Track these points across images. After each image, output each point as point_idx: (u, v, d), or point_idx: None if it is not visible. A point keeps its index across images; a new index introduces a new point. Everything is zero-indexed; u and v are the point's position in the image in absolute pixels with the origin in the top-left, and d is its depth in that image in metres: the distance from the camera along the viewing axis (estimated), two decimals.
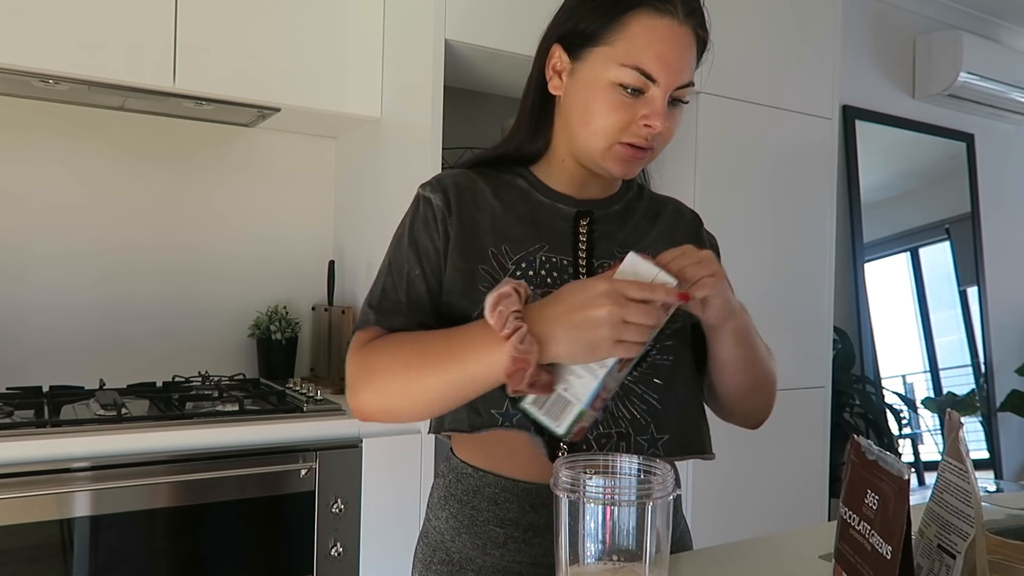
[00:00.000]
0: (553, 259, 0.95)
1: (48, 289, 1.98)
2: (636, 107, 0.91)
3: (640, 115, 0.91)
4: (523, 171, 1.02)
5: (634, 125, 0.91)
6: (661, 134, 0.92)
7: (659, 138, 0.93)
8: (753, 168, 2.35)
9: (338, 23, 2.00)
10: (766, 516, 2.37)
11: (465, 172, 1.01)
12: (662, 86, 0.90)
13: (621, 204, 1.03)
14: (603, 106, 0.91)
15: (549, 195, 1.00)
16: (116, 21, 1.73)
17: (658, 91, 0.90)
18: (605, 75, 0.91)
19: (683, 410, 0.96)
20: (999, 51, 3.66)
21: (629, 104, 0.91)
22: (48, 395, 1.77)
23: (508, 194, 0.99)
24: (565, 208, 0.99)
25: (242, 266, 2.22)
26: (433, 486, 1.03)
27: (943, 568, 0.68)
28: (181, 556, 1.54)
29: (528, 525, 0.91)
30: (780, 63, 2.41)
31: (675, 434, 0.94)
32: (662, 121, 0.90)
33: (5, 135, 1.93)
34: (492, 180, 1.00)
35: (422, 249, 0.96)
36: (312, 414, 1.70)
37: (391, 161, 2.01)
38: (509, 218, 0.97)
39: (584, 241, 0.98)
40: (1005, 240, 3.97)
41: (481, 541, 0.92)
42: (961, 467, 0.68)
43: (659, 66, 0.89)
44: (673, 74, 0.90)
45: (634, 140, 0.92)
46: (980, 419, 3.77)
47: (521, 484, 0.92)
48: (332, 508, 1.68)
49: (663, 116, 0.90)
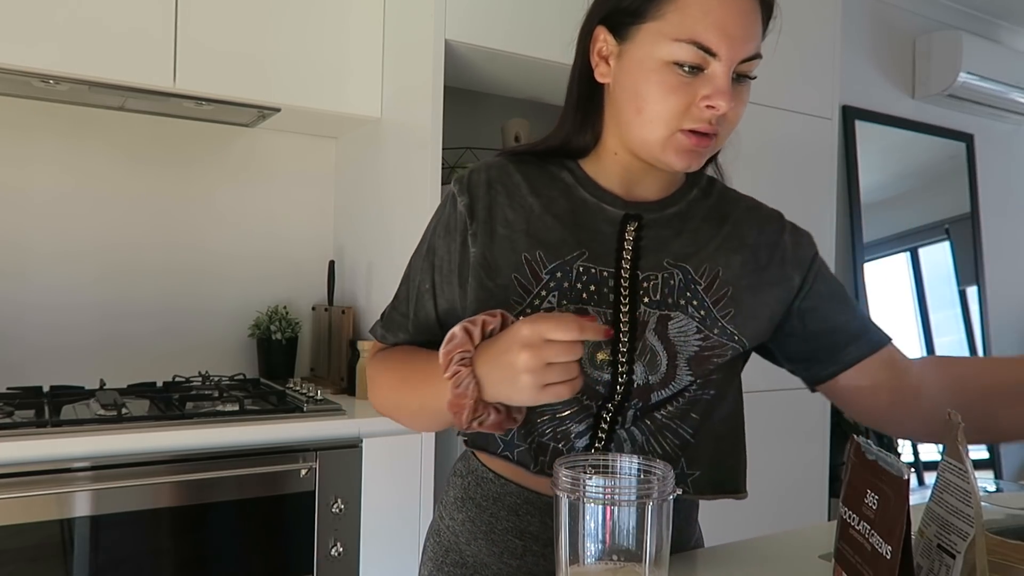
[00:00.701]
0: (592, 270, 0.85)
1: (48, 289, 1.98)
2: (695, 87, 0.79)
3: (701, 96, 0.79)
4: (571, 163, 0.92)
5: (695, 108, 0.80)
6: (727, 116, 0.81)
7: (724, 121, 0.82)
8: (753, 168, 2.35)
9: (338, 23, 2.00)
10: (766, 516, 2.37)
11: (504, 163, 0.91)
12: (724, 60, 0.79)
13: (681, 205, 0.91)
14: (657, 89, 0.80)
15: (596, 193, 0.89)
16: (116, 21, 1.73)
17: (720, 66, 0.79)
18: (657, 54, 0.80)
19: (719, 445, 0.90)
20: (999, 51, 3.66)
21: (687, 84, 0.79)
22: (48, 395, 1.77)
23: (549, 189, 0.89)
24: (612, 210, 0.88)
25: (242, 266, 2.22)
26: (449, 484, 0.98)
27: (943, 568, 0.68)
28: (181, 556, 1.54)
29: (549, 540, 0.87)
30: (780, 63, 2.41)
31: (707, 470, 0.89)
32: (727, 100, 0.79)
33: (5, 135, 1.93)
34: (533, 172, 0.90)
35: (437, 259, 0.90)
36: (312, 414, 1.70)
37: (391, 161, 2.01)
38: (547, 218, 0.87)
39: (629, 250, 0.86)
40: (1005, 240, 3.97)
41: (498, 549, 0.90)
42: (961, 467, 0.68)
43: (719, 37, 0.78)
44: (736, 46, 0.79)
45: (696, 125, 0.80)
46: None
47: (544, 498, 0.88)
48: (332, 508, 1.68)
49: (728, 94, 0.79)
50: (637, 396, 0.86)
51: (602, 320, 0.85)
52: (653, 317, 0.85)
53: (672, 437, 0.87)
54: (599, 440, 0.86)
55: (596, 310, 0.85)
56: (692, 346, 0.85)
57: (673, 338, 0.85)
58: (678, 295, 0.86)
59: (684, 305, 0.86)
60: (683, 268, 0.87)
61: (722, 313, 0.87)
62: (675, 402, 0.86)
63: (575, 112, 0.91)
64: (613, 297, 0.85)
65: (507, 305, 0.84)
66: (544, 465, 0.86)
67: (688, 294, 0.86)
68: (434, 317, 0.91)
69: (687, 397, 0.87)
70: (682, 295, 0.86)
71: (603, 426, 0.86)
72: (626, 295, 0.85)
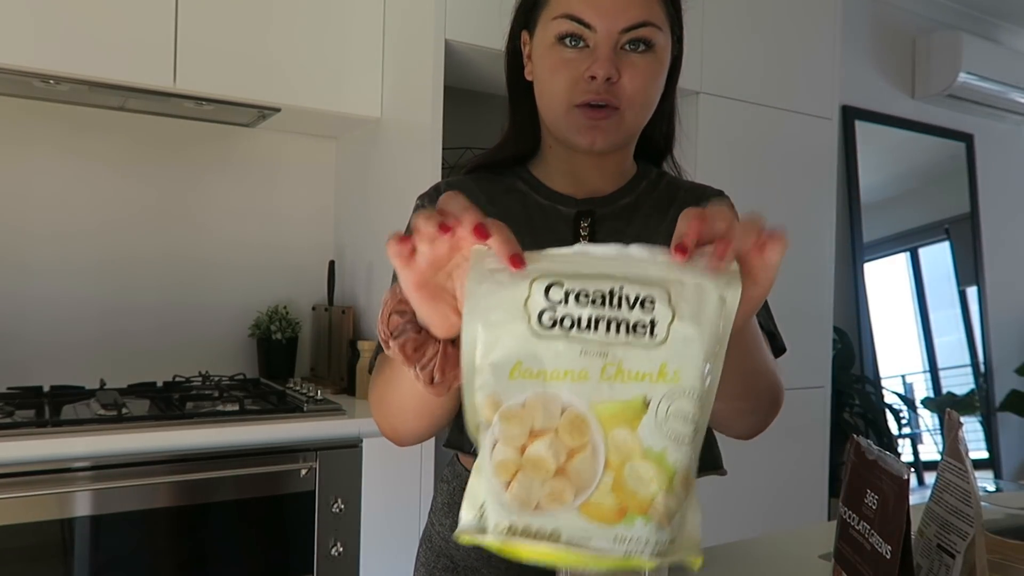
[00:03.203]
0: None
1: (48, 289, 1.98)
2: (580, 61, 0.82)
3: (584, 68, 0.81)
4: (523, 171, 0.95)
5: (582, 81, 0.81)
6: (622, 88, 0.82)
7: (620, 93, 0.82)
8: (753, 168, 2.35)
9: (338, 23, 2.00)
10: (766, 516, 2.38)
11: (462, 180, 0.96)
12: (600, 31, 0.80)
13: (632, 196, 0.93)
14: (549, 68, 0.84)
15: (548, 196, 0.92)
16: (116, 21, 1.73)
17: (597, 37, 0.81)
18: (547, 35, 0.84)
19: None
20: (999, 51, 3.66)
21: (572, 59, 0.82)
22: (48, 395, 1.77)
23: (505, 199, 0.93)
24: (564, 209, 0.91)
25: (243, 266, 2.22)
26: (436, 491, 1.00)
27: (942, 568, 0.68)
28: (181, 556, 1.54)
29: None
30: (780, 63, 2.41)
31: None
32: (604, 67, 0.80)
33: (5, 135, 1.93)
34: (490, 186, 0.94)
35: None
36: (312, 414, 1.70)
37: (391, 161, 2.01)
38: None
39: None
40: (1005, 240, 3.97)
41: (487, 554, 0.90)
42: (961, 467, 0.68)
43: (591, 8, 0.80)
44: (611, 15, 0.80)
45: (585, 98, 0.82)
46: (980, 419, 3.77)
47: None
48: (332, 508, 1.68)
49: (606, 62, 0.80)
50: None
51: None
52: None
53: None
54: None
55: None
56: None
57: None
58: None
59: None
60: None
61: None
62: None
63: (513, 116, 0.94)
64: None
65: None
66: None
67: None
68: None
69: None
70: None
71: None
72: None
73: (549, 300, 0.50)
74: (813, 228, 2.49)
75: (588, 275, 0.51)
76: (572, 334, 0.50)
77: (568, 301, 0.51)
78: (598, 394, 0.49)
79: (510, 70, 0.94)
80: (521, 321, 0.50)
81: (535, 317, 0.50)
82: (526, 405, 0.49)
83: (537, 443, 0.49)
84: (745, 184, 2.33)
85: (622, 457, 0.48)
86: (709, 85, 2.23)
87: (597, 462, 0.48)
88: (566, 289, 0.51)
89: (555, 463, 0.48)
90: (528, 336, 0.50)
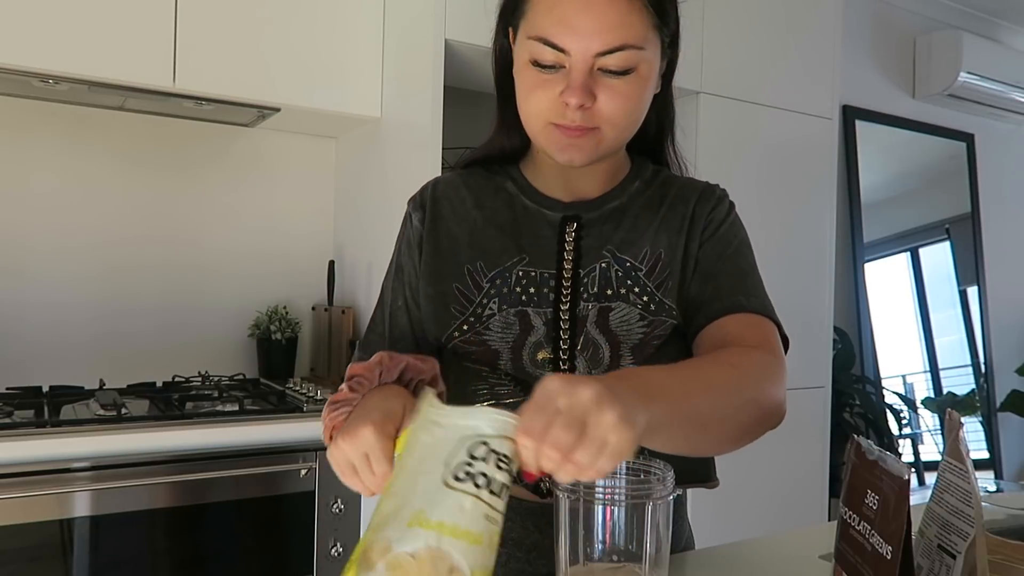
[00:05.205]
0: (532, 273, 0.87)
1: (48, 289, 1.98)
2: (556, 82, 0.79)
3: (559, 91, 0.79)
4: (513, 171, 0.94)
5: (557, 103, 0.79)
6: (598, 111, 0.79)
7: (597, 116, 0.79)
8: (753, 168, 2.35)
9: (338, 23, 2.00)
10: (766, 516, 2.37)
11: (453, 178, 0.95)
12: (573, 55, 0.77)
13: (622, 198, 0.91)
14: (525, 86, 0.82)
15: (536, 199, 0.91)
16: (116, 21, 1.73)
17: (572, 61, 0.77)
18: (523, 53, 0.81)
19: None
20: (999, 51, 3.66)
21: (548, 81, 0.79)
22: (48, 395, 1.77)
23: (493, 200, 0.92)
24: (551, 214, 0.90)
25: (242, 266, 2.22)
26: None
27: (943, 568, 0.68)
28: (181, 556, 1.54)
29: (532, 546, 0.88)
30: (780, 63, 2.41)
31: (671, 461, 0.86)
32: (577, 96, 0.77)
33: (5, 135, 1.93)
34: (479, 185, 0.93)
35: (406, 275, 0.93)
36: (312, 414, 1.70)
37: (391, 161, 2.01)
38: (490, 230, 0.90)
39: (570, 250, 0.87)
40: (1005, 240, 3.97)
41: None
42: (961, 467, 0.68)
43: (565, 33, 0.76)
44: (585, 39, 0.76)
45: (559, 120, 0.80)
46: (980, 419, 3.77)
47: (524, 504, 0.88)
48: (332, 508, 1.67)
49: (579, 90, 0.77)
50: None
51: (542, 319, 0.85)
52: (593, 310, 0.86)
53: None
54: None
55: (536, 310, 0.86)
56: (636, 334, 0.85)
57: (615, 329, 0.85)
58: (618, 285, 0.86)
59: (625, 294, 0.86)
60: (623, 258, 0.88)
61: (663, 293, 0.87)
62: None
63: (501, 113, 0.93)
64: (553, 296, 0.86)
65: (450, 315, 0.87)
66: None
67: (629, 282, 0.87)
68: (409, 331, 0.92)
69: None
70: (623, 284, 0.86)
71: None
72: (567, 293, 0.86)
73: (472, 459, 0.51)
74: (813, 228, 2.49)
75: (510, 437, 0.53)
76: (483, 495, 0.50)
77: (487, 460, 0.52)
78: (483, 558, 0.49)
79: (498, 67, 0.93)
80: (437, 473, 0.51)
81: (451, 469, 0.51)
82: (415, 556, 0.49)
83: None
84: (745, 184, 2.32)
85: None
86: (709, 85, 2.23)
87: None
88: (491, 448, 0.52)
89: None
90: (437, 484, 0.50)
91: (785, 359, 0.84)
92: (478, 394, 0.87)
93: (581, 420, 0.53)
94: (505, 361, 0.86)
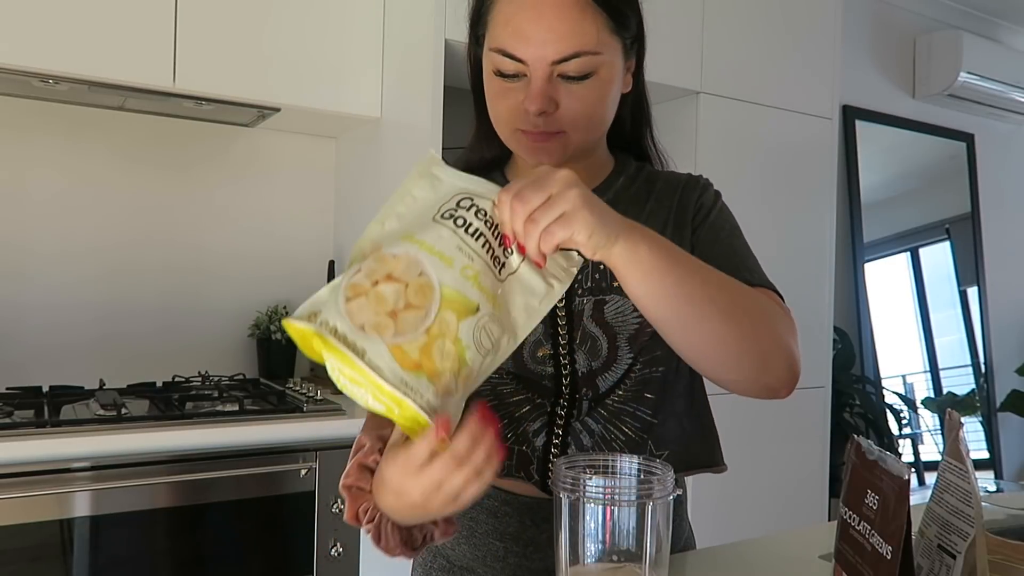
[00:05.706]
0: None
1: (48, 289, 1.97)
2: (518, 90, 0.82)
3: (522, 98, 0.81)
4: (498, 177, 0.95)
5: (521, 110, 0.82)
6: (561, 116, 0.81)
7: (560, 121, 0.82)
8: (753, 168, 2.35)
9: (338, 23, 2.00)
10: (766, 516, 2.37)
11: None
12: (531, 64, 0.79)
13: (608, 194, 0.91)
14: (490, 96, 0.86)
15: None
16: (116, 21, 1.73)
17: (531, 70, 0.80)
18: (488, 64, 0.85)
19: (682, 421, 0.90)
20: (999, 51, 3.66)
21: (511, 89, 0.82)
22: (48, 395, 1.77)
23: None
24: None
25: (242, 266, 2.22)
26: None
27: (943, 568, 0.68)
28: (181, 556, 1.54)
29: (529, 540, 0.89)
30: (780, 63, 2.41)
31: (676, 449, 0.89)
32: (537, 104, 0.79)
33: (5, 135, 1.93)
34: None
35: None
36: (312, 414, 1.70)
37: (391, 161, 2.01)
38: None
39: None
40: (1005, 240, 3.97)
41: (481, 553, 0.91)
42: (961, 467, 0.68)
43: (520, 43, 0.79)
44: (538, 48, 0.78)
45: (524, 127, 0.83)
46: (980, 419, 3.77)
47: (522, 499, 0.89)
48: (332, 508, 1.67)
49: (538, 97, 0.79)
50: (584, 385, 0.88)
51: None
52: (588, 304, 0.87)
53: (632, 421, 0.88)
54: (556, 436, 0.88)
55: None
56: (631, 325, 0.87)
57: (611, 320, 0.87)
58: (611, 278, 0.87)
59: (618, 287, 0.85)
60: None
61: None
62: (623, 385, 0.88)
63: (479, 120, 0.94)
64: None
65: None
66: (511, 468, 0.88)
67: None
68: None
69: (634, 378, 0.88)
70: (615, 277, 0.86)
71: (558, 421, 0.88)
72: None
73: (458, 206, 0.65)
74: (813, 228, 2.49)
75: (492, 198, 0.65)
76: (459, 232, 0.63)
77: (469, 209, 0.65)
78: (451, 280, 0.61)
79: (473, 75, 0.94)
80: (430, 212, 0.65)
81: (440, 210, 0.65)
82: (396, 256, 0.62)
83: (388, 285, 0.60)
84: (745, 184, 2.32)
85: (440, 332, 0.60)
86: (709, 85, 2.23)
87: (423, 324, 0.60)
88: (475, 203, 0.65)
89: (393, 306, 0.59)
90: (427, 220, 0.64)
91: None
92: (480, 393, 0.87)
93: (549, 191, 0.63)
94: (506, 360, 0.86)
